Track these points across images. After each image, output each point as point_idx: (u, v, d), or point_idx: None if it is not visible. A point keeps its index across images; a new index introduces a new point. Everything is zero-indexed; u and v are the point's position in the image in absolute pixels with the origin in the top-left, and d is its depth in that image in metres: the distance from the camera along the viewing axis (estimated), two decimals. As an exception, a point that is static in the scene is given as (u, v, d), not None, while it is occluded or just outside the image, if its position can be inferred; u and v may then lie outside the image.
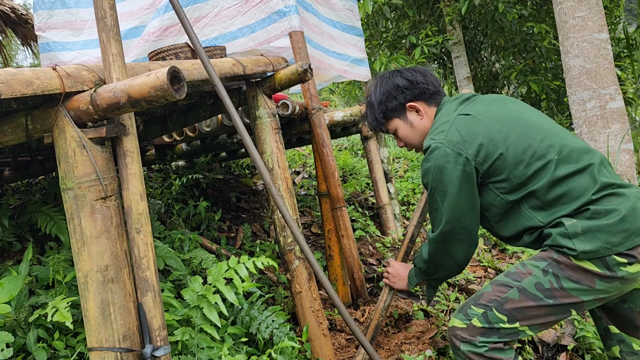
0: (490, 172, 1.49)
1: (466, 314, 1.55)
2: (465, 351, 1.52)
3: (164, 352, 1.27)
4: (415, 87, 1.67)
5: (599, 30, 3.96)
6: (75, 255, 1.25)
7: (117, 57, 1.31)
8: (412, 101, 1.68)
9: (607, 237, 1.38)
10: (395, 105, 1.69)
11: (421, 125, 1.69)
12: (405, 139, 1.74)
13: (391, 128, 1.74)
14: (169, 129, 2.50)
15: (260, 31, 2.79)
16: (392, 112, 1.70)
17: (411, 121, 1.70)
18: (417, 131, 1.71)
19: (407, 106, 1.69)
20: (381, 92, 1.70)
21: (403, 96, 1.67)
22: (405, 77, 1.68)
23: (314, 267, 1.62)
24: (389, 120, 1.73)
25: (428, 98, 1.68)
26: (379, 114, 1.72)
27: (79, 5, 3.15)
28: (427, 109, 1.69)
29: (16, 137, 1.36)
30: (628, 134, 4.05)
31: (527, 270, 1.49)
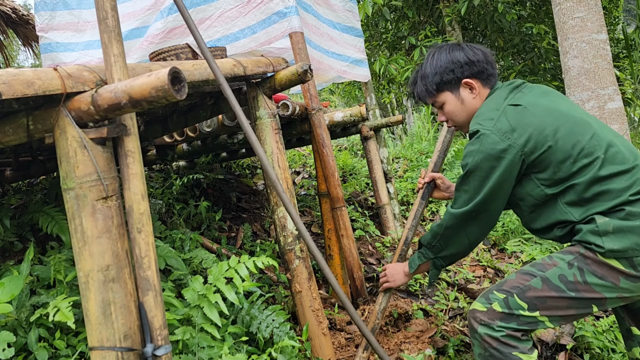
0: (536, 164, 1.49)
1: (488, 298, 1.58)
2: (482, 334, 1.54)
3: (165, 351, 1.28)
4: (475, 65, 1.64)
5: (597, 31, 3.97)
6: (76, 255, 1.26)
7: (119, 57, 1.32)
8: (470, 78, 1.65)
9: (637, 238, 1.41)
10: (451, 79, 1.65)
11: (471, 104, 1.67)
12: (450, 115, 1.71)
13: (439, 101, 1.71)
14: (169, 129, 2.51)
15: (260, 32, 2.80)
16: (445, 85, 1.67)
17: (463, 97, 1.67)
18: (465, 109, 1.68)
19: (462, 82, 1.65)
20: (439, 63, 1.66)
21: (461, 71, 1.64)
22: (467, 53, 1.65)
23: (320, 264, 1.63)
24: (439, 93, 1.69)
25: (485, 78, 1.66)
26: (432, 85, 1.68)
27: (81, 7, 3.16)
28: (481, 89, 1.66)
29: (17, 138, 1.36)
30: (627, 134, 4.06)
31: (553, 262, 1.52)
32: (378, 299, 2.02)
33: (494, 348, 1.52)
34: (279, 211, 2.03)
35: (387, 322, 2.36)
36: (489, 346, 1.53)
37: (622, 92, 6.27)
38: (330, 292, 2.78)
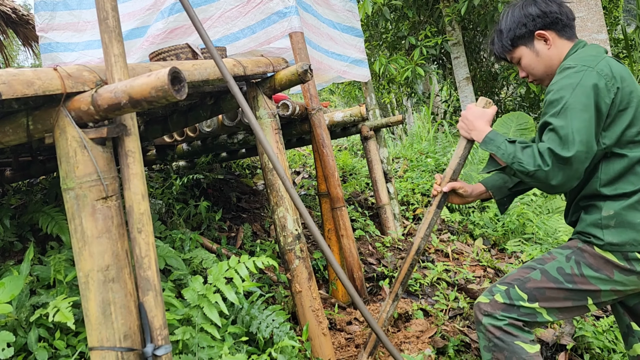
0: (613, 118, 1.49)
1: (490, 291, 1.64)
2: (486, 324, 1.59)
3: (165, 351, 1.28)
4: (547, 16, 1.63)
5: (597, 31, 3.97)
6: (76, 255, 1.26)
7: (119, 57, 1.32)
8: (543, 29, 1.64)
9: (636, 235, 1.47)
10: (524, 33, 1.66)
11: (547, 56, 1.66)
12: (528, 68, 1.71)
13: (516, 56, 1.71)
14: (169, 129, 2.51)
15: (260, 32, 2.80)
16: (519, 39, 1.67)
17: (537, 50, 1.66)
18: (542, 61, 1.67)
19: (535, 34, 1.65)
20: (512, 19, 1.68)
21: (533, 24, 1.64)
22: (539, 6, 1.65)
23: (328, 258, 1.62)
24: (515, 48, 1.70)
25: (560, 29, 1.64)
26: (507, 40, 1.69)
27: (81, 7, 3.17)
28: (556, 39, 1.65)
29: (17, 138, 1.36)
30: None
31: (552, 256, 1.61)
32: (385, 307, 1.93)
33: (497, 337, 1.56)
34: (279, 211, 2.03)
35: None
36: (492, 336, 1.58)
37: (622, 92, 6.26)
38: (330, 292, 2.78)
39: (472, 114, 1.74)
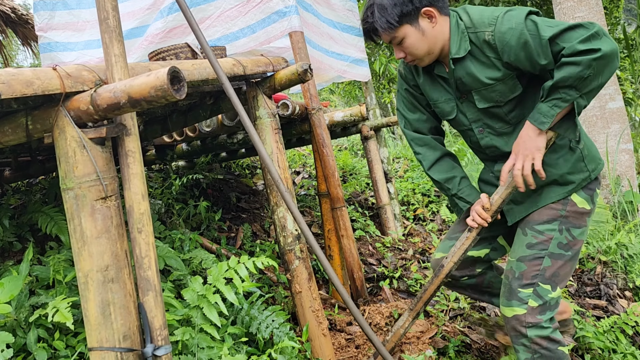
0: None
1: (519, 298, 1.59)
2: (533, 336, 1.56)
3: (165, 352, 1.27)
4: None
5: (598, 31, 3.96)
6: (76, 255, 1.26)
7: (120, 57, 1.31)
8: (428, 6, 1.55)
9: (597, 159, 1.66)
10: (410, 10, 1.54)
11: (432, 34, 1.57)
12: (410, 48, 1.59)
13: (399, 36, 1.58)
14: (169, 129, 2.50)
15: (260, 31, 2.79)
16: (405, 16, 1.54)
17: (423, 28, 1.56)
18: (426, 40, 1.58)
19: (422, 11, 1.55)
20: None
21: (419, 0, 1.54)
22: None
23: (322, 263, 1.62)
24: (400, 27, 1.56)
25: (441, 6, 1.58)
26: (393, 17, 1.54)
27: (80, 7, 3.16)
28: (439, 17, 1.58)
29: (16, 137, 1.36)
30: (627, 134, 4.05)
31: (547, 236, 1.59)
32: (403, 323, 1.86)
33: (545, 348, 1.56)
34: (278, 211, 2.02)
35: (388, 323, 2.36)
36: (539, 347, 1.56)
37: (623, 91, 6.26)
38: (330, 293, 2.78)
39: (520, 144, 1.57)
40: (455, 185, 1.77)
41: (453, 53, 1.59)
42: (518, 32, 1.44)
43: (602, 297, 2.71)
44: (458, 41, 1.58)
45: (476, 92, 1.61)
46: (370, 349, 2.15)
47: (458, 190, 1.77)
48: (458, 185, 1.77)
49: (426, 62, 1.65)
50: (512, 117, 1.62)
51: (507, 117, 1.63)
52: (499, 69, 1.54)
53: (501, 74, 1.55)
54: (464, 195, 1.76)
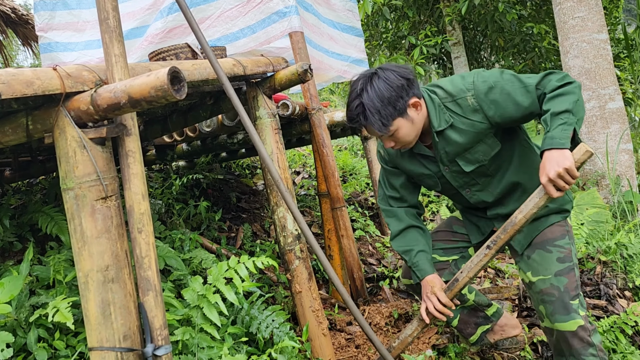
0: None
1: (575, 310, 1.65)
2: (597, 343, 1.65)
3: (165, 352, 1.27)
4: (412, 83, 1.60)
5: (598, 31, 3.97)
6: (76, 255, 1.26)
7: (120, 57, 1.31)
8: (414, 97, 1.60)
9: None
10: (402, 105, 1.57)
11: (419, 120, 1.63)
12: (404, 138, 1.63)
13: (392, 129, 1.60)
14: (169, 129, 2.50)
15: (260, 32, 2.79)
16: (398, 112, 1.58)
17: (412, 118, 1.61)
18: (415, 127, 1.63)
19: (410, 104, 1.59)
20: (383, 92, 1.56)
21: (406, 94, 1.58)
22: (401, 74, 1.59)
23: (324, 266, 1.62)
24: (394, 121, 1.59)
25: (419, 93, 1.64)
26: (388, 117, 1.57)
27: (80, 7, 3.16)
28: (421, 101, 1.63)
29: (17, 138, 1.36)
30: (627, 134, 4.05)
31: (568, 249, 1.72)
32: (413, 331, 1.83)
33: (602, 351, 1.67)
34: (279, 211, 2.02)
35: (387, 323, 2.36)
36: (603, 354, 1.65)
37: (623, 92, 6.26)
38: (330, 293, 2.78)
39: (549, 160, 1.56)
40: (411, 258, 1.83)
41: (436, 127, 1.66)
42: (499, 87, 1.58)
43: (602, 297, 2.71)
44: (437, 115, 1.66)
45: (460, 158, 1.71)
46: (370, 349, 2.15)
47: (412, 264, 1.83)
48: (414, 257, 1.83)
49: (412, 144, 1.70)
50: (492, 169, 1.74)
51: (488, 171, 1.75)
52: (482, 129, 1.64)
53: (483, 133, 1.65)
54: (417, 269, 1.81)
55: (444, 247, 1.98)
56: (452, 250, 1.98)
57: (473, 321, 2.05)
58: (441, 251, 1.98)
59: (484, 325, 2.05)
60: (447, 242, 1.99)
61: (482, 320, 2.05)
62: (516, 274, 2.97)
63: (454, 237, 2.00)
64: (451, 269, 1.96)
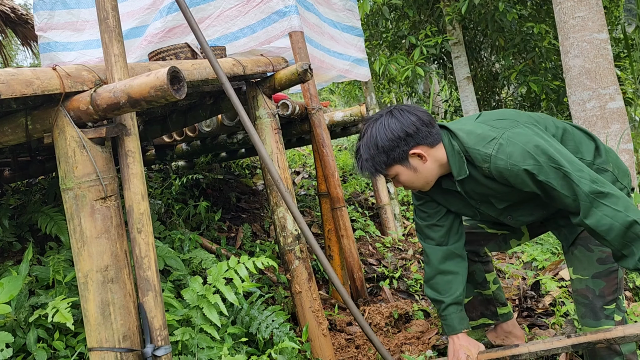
0: None
1: (606, 316, 1.58)
2: (626, 352, 1.58)
3: (164, 352, 1.27)
4: (417, 134, 1.54)
5: (598, 30, 3.97)
6: (75, 255, 1.26)
7: (119, 57, 1.31)
8: (415, 148, 1.54)
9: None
10: (398, 154, 1.54)
11: (425, 169, 1.58)
12: (406, 184, 1.62)
13: (391, 174, 1.60)
14: (169, 129, 2.50)
15: (260, 31, 2.79)
16: (394, 160, 1.56)
17: (414, 167, 1.57)
18: (421, 175, 1.59)
19: (410, 154, 1.55)
20: (380, 143, 1.54)
21: (406, 144, 1.53)
22: (403, 124, 1.54)
23: (324, 267, 1.62)
24: (390, 168, 1.58)
25: (428, 139, 1.55)
26: (381, 165, 1.57)
27: (80, 6, 3.16)
28: (429, 151, 1.56)
29: (16, 137, 1.36)
30: (628, 134, 4.05)
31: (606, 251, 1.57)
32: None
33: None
34: (278, 211, 2.02)
35: (388, 323, 2.35)
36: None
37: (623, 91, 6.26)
38: (330, 293, 2.78)
39: None
40: (440, 310, 1.76)
41: (455, 176, 1.57)
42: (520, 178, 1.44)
43: (602, 297, 2.70)
44: (457, 163, 1.56)
45: (492, 197, 1.62)
46: (370, 349, 2.15)
47: (441, 316, 1.76)
48: (442, 311, 1.74)
49: (427, 188, 1.66)
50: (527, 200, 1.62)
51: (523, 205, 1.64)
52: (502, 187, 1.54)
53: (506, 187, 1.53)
54: (446, 324, 1.74)
55: (494, 221, 1.82)
56: (503, 225, 1.83)
57: (481, 310, 2.05)
58: (490, 223, 1.85)
59: (488, 320, 2.05)
60: None
61: (490, 314, 2.04)
62: (516, 274, 2.97)
63: None
64: (498, 241, 1.87)
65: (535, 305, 2.60)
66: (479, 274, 1.96)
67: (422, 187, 1.66)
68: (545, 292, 2.67)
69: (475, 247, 1.91)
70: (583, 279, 1.62)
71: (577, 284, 1.65)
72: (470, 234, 1.90)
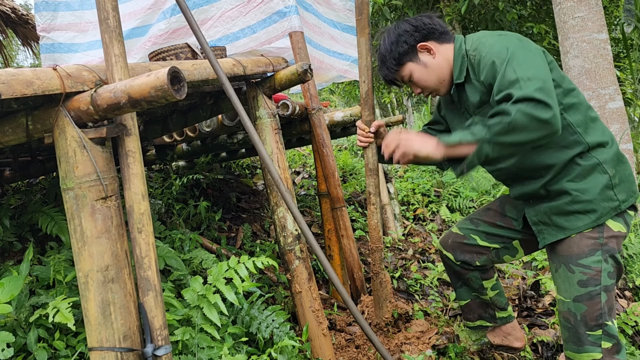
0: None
1: (592, 342, 1.53)
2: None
3: (165, 352, 1.27)
4: (423, 28, 1.64)
5: (598, 31, 3.97)
6: (76, 255, 1.26)
7: (120, 57, 1.31)
8: (423, 41, 1.64)
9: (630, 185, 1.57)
10: (406, 49, 1.64)
11: (435, 64, 1.64)
12: (420, 82, 1.68)
13: (405, 74, 1.68)
14: (169, 129, 2.50)
15: (261, 32, 2.80)
16: (403, 56, 1.65)
17: (424, 62, 1.65)
18: (432, 71, 1.65)
19: (418, 47, 1.64)
20: (390, 41, 1.66)
21: (413, 38, 1.63)
22: (411, 22, 1.66)
23: (323, 264, 1.62)
24: (402, 67, 1.67)
25: (438, 37, 1.65)
26: (391, 61, 1.67)
27: (83, 8, 3.16)
28: (439, 47, 1.64)
29: (17, 137, 1.36)
30: (627, 134, 4.05)
31: (595, 269, 1.52)
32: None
33: None
34: (279, 211, 2.02)
35: (388, 323, 2.35)
36: None
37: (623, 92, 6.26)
38: (330, 293, 2.78)
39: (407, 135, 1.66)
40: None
41: (455, 78, 1.64)
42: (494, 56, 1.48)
43: (602, 297, 2.71)
44: (459, 66, 1.62)
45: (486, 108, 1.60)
46: (370, 349, 2.15)
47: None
48: None
49: (443, 92, 1.71)
50: None
51: None
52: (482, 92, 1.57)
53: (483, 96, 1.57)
54: None
55: (487, 232, 1.87)
56: (496, 237, 1.86)
57: (479, 312, 2.04)
58: (484, 235, 1.88)
59: (486, 322, 2.05)
60: (493, 225, 1.87)
61: (488, 317, 2.04)
62: (516, 274, 2.97)
63: (502, 220, 1.85)
64: (490, 256, 1.88)
65: (535, 305, 2.60)
66: (475, 281, 1.96)
67: (437, 88, 1.69)
68: (545, 291, 2.67)
69: (468, 258, 1.91)
70: (565, 302, 1.59)
71: (561, 306, 1.62)
72: (463, 245, 1.91)
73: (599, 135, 1.55)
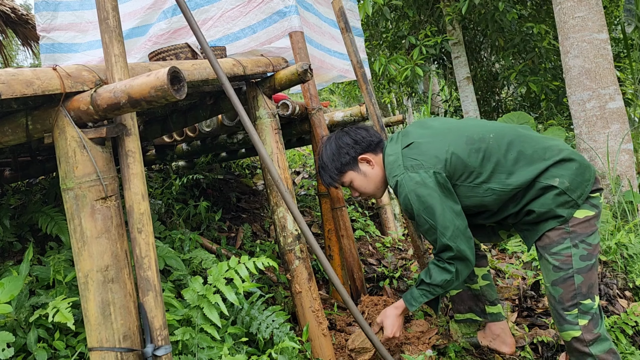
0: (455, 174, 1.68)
1: (569, 321, 1.69)
2: (598, 353, 1.66)
3: (165, 352, 1.27)
4: (362, 142, 1.86)
5: (598, 31, 3.96)
6: (76, 255, 1.26)
7: (120, 57, 1.31)
8: (362, 154, 1.86)
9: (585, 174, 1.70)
10: (348, 160, 1.86)
11: (374, 174, 1.87)
12: (360, 189, 1.90)
13: (346, 181, 1.89)
14: (169, 129, 2.50)
15: (261, 32, 2.79)
16: (345, 166, 1.86)
17: (364, 172, 1.87)
18: (371, 180, 1.87)
19: (359, 159, 1.86)
20: (332, 151, 1.87)
21: (354, 150, 1.85)
22: (351, 135, 1.87)
23: (323, 264, 1.62)
24: (343, 175, 1.88)
25: (374, 148, 1.87)
26: (334, 170, 1.87)
27: (83, 7, 3.16)
28: (375, 158, 1.87)
29: (16, 138, 1.36)
30: (627, 134, 4.05)
31: (565, 255, 1.68)
32: None
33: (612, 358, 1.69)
34: (279, 211, 2.02)
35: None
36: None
37: (623, 92, 6.26)
38: (330, 293, 2.78)
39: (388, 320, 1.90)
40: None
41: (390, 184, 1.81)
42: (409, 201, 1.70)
43: (602, 297, 2.71)
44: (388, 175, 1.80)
45: None
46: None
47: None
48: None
49: (379, 195, 1.96)
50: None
51: None
52: None
53: None
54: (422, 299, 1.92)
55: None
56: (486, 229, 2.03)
57: (469, 304, 2.12)
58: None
59: (475, 316, 2.11)
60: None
61: (478, 311, 2.11)
62: (516, 274, 2.97)
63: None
64: (487, 232, 2.02)
65: (535, 305, 2.60)
66: None
67: (374, 193, 1.93)
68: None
69: None
70: (547, 287, 1.76)
71: (545, 291, 1.81)
72: None
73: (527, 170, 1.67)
